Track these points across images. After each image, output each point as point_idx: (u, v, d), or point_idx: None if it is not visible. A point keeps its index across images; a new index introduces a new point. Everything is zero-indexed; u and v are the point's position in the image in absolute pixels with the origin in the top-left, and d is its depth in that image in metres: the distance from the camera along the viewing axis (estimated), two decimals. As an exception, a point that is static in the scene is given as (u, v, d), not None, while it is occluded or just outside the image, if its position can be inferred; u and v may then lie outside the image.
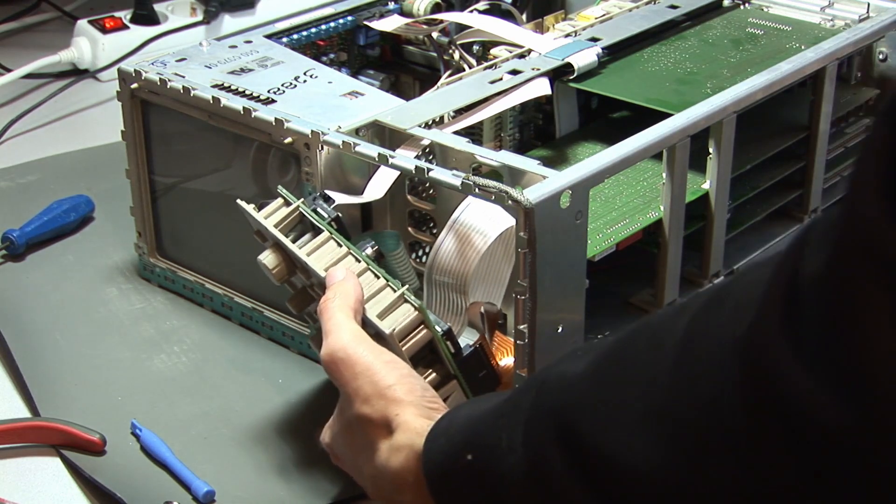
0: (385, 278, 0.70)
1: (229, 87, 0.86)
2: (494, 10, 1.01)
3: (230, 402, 0.83)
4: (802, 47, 0.94)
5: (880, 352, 0.41)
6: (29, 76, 1.28)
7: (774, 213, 0.93)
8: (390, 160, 0.75)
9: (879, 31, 0.96)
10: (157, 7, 1.36)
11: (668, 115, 0.81)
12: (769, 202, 0.92)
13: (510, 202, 0.70)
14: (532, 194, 0.70)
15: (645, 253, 0.82)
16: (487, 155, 0.77)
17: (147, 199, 0.93)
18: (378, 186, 0.79)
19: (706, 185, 0.84)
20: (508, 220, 0.73)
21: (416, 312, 0.68)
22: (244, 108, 0.82)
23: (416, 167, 0.74)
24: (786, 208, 0.94)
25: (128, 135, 0.91)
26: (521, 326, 0.72)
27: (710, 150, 0.83)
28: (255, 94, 0.85)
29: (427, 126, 0.80)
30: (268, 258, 0.74)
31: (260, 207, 0.75)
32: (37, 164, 1.14)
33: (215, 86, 0.86)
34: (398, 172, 0.77)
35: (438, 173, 0.74)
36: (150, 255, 0.94)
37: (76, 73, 1.31)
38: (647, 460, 0.51)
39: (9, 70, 1.28)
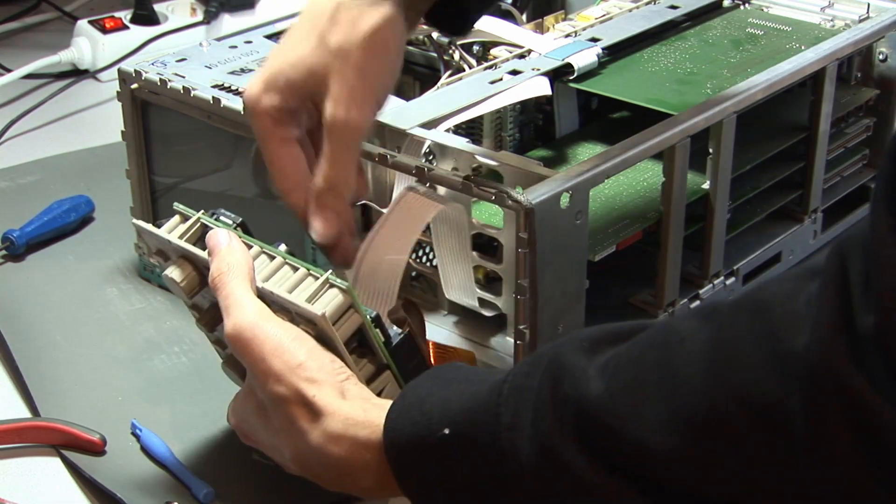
0: (306, 267, 0.67)
1: (229, 87, 0.86)
2: (494, 11, 1.01)
3: (230, 402, 0.82)
4: (802, 47, 0.94)
5: None
6: (29, 76, 1.28)
7: (774, 213, 0.93)
8: (390, 160, 0.75)
9: (879, 32, 0.96)
10: (157, 7, 1.36)
11: (668, 115, 0.81)
12: (769, 202, 0.92)
13: (510, 202, 0.70)
14: (532, 194, 0.70)
15: (645, 253, 0.82)
16: (487, 155, 0.77)
17: (147, 199, 0.93)
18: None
19: (706, 185, 0.84)
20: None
21: (345, 294, 0.65)
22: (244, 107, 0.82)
23: (416, 167, 0.74)
24: (786, 208, 0.94)
25: (128, 135, 0.91)
26: (521, 326, 0.72)
27: (710, 150, 0.83)
28: (255, 94, 0.84)
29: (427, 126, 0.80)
30: (174, 271, 0.71)
31: (158, 227, 0.73)
32: (37, 164, 1.14)
33: (215, 86, 0.86)
34: (415, 179, 0.77)
35: (438, 173, 0.74)
36: (150, 255, 0.94)
37: (76, 74, 1.31)
38: (676, 451, 0.52)
39: (9, 70, 1.28)
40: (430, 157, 0.80)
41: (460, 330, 0.80)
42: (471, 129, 0.90)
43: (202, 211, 0.72)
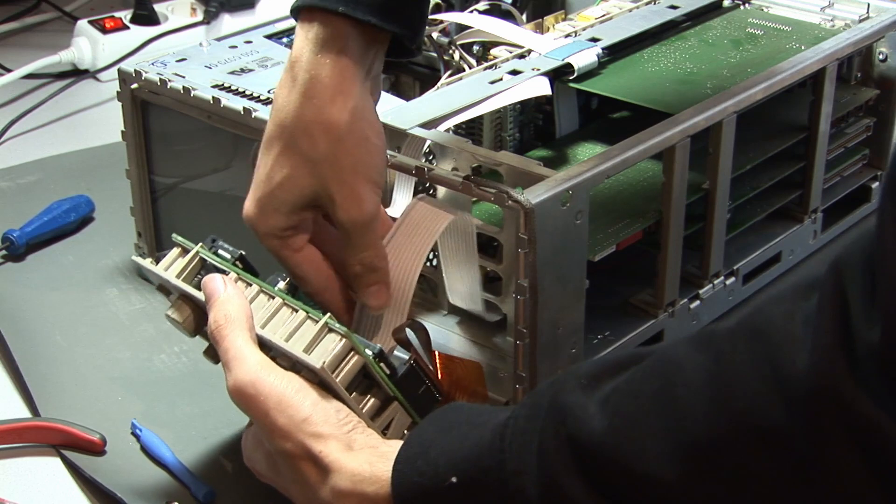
0: (304, 310, 0.67)
1: (229, 87, 0.86)
2: (494, 11, 1.01)
3: (230, 402, 0.82)
4: (802, 47, 0.94)
5: None
6: (29, 76, 1.28)
7: (774, 213, 0.93)
8: (390, 160, 0.75)
9: (879, 32, 0.96)
10: (157, 7, 1.36)
11: (668, 115, 0.81)
12: (769, 202, 0.92)
13: (510, 202, 0.70)
14: (532, 194, 0.70)
15: (645, 253, 0.82)
16: (487, 155, 0.77)
17: (147, 199, 0.93)
18: (404, 199, 0.78)
19: (706, 185, 0.84)
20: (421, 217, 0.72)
21: (344, 340, 0.65)
22: (244, 108, 0.82)
23: (416, 167, 0.74)
24: (786, 208, 0.94)
25: (128, 135, 0.91)
26: (521, 326, 0.72)
27: (710, 150, 0.83)
28: (255, 94, 0.85)
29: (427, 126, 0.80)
30: (175, 312, 0.71)
31: (158, 260, 0.73)
32: (37, 164, 1.14)
33: (215, 86, 0.86)
34: (415, 179, 0.77)
35: (438, 173, 0.74)
36: (150, 255, 0.94)
37: (76, 74, 1.31)
38: (682, 482, 0.52)
39: (9, 70, 1.28)
40: (430, 157, 0.80)
41: (460, 330, 0.80)
42: (471, 129, 0.90)
43: (200, 244, 0.72)
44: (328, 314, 0.66)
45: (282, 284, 0.70)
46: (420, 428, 0.63)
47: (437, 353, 0.72)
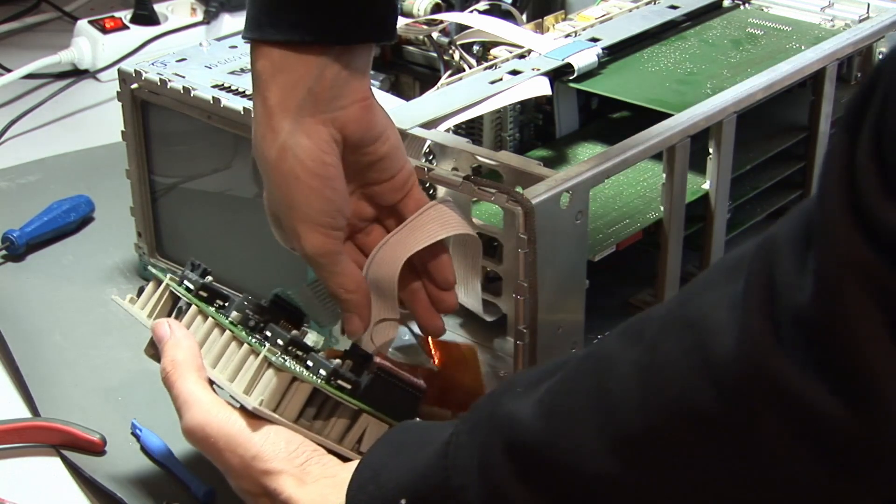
0: (249, 343, 0.66)
1: (229, 87, 0.86)
2: (494, 11, 1.01)
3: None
4: (802, 47, 0.94)
5: (878, 362, 0.44)
6: (29, 76, 1.28)
7: (774, 213, 0.93)
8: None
9: (879, 31, 0.96)
10: (157, 7, 1.36)
11: (668, 115, 0.81)
12: (769, 202, 0.92)
13: (510, 202, 0.70)
14: (532, 194, 0.70)
15: (645, 253, 0.82)
16: (487, 155, 0.77)
17: (147, 199, 0.93)
18: None
19: (706, 185, 0.84)
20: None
21: (281, 374, 0.64)
22: (244, 108, 0.82)
23: (416, 167, 0.74)
24: (786, 208, 0.94)
25: (128, 135, 0.91)
26: (521, 326, 0.72)
27: (710, 150, 0.83)
28: (255, 94, 0.84)
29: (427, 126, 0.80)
30: (154, 354, 0.71)
31: (140, 292, 0.73)
32: (37, 164, 1.14)
33: (215, 86, 0.86)
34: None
35: (438, 173, 0.74)
36: (150, 255, 0.94)
37: (76, 74, 1.31)
38: (617, 474, 0.52)
39: (9, 70, 1.28)
40: (430, 157, 0.80)
41: (460, 331, 0.80)
42: (471, 129, 0.90)
43: (169, 276, 0.72)
44: (267, 347, 0.65)
45: (234, 314, 0.69)
46: (371, 452, 0.63)
47: (430, 339, 0.72)
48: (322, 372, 0.65)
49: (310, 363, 0.66)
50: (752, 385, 0.47)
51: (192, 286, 0.71)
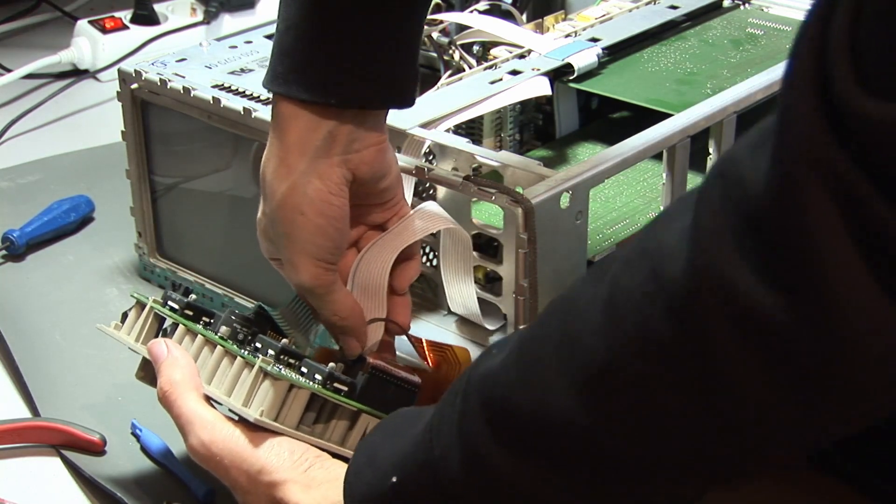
0: (241, 357, 0.67)
1: (229, 87, 0.86)
2: (494, 10, 1.01)
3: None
4: (802, 47, 0.93)
5: (832, 264, 0.42)
6: (29, 76, 1.28)
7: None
8: (390, 160, 0.75)
9: (879, 32, 0.96)
10: (157, 7, 1.36)
11: (668, 115, 0.81)
12: (769, 202, 0.92)
13: (510, 202, 0.70)
14: (532, 194, 0.70)
15: (645, 253, 0.82)
16: (487, 155, 0.77)
17: (147, 199, 0.93)
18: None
19: (706, 185, 0.84)
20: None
21: (278, 383, 0.65)
22: (244, 108, 0.82)
23: (416, 167, 0.74)
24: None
25: (128, 135, 0.91)
26: (521, 327, 0.72)
27: (710, 150, 0.83)
28: (255, 94, 0.84)
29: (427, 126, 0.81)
30: (144, 376, 0.71)
31: (124, 317, 0.73)
32: (37, 164, 1.14)
33: (215, 86, 0.86)
34: (415, 179, 0.77)
35: (438, 173, 0.74)
36: (150, 255, 0.95)
37: (76, 73, 1.31)
38: (578, 411, 0.51)
39: (9, 70, 1.28)
40: (430, 157, 0.80)
41: (461, 331, 0.80)
42: (471, 129, 0.90)
43: (152, 298, 0.72)
44: (260, 358, 0.65)
45: (223, 329, 0.69)
46: (366, 439, 0.64)
47: (423, 340, 0.72)
48: (318, 377, 0.65)
49: (304, 370, 0.66)
50: (703, 297, 0.46)
51: (177, 306, 0.71)
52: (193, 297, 0.73)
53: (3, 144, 1.18)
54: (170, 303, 0.71)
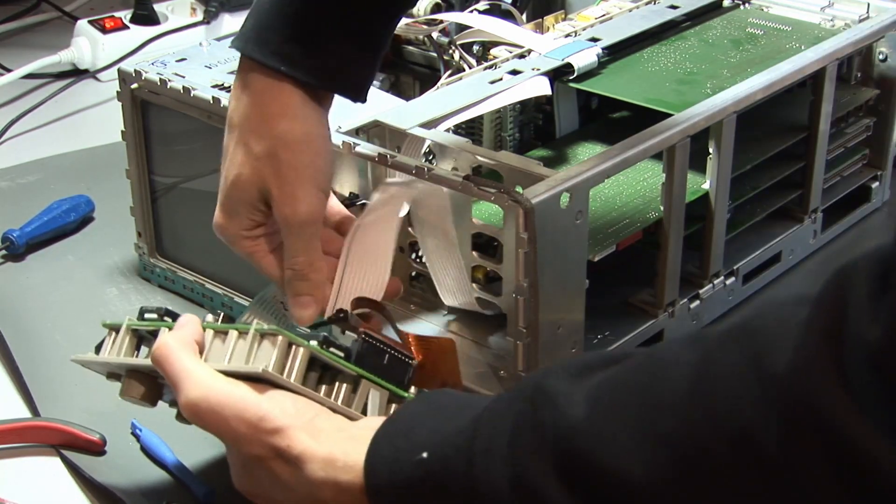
0: (232, 328, 0.66)
1: (229, 86, 0.86)
2: (494, 10, 1.01)
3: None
4: (802, 47, 0.94)
5: None
6: (29, 76, 1.28)
7: (774, 213, 0.93)
8: (390, 160, 0.75)
9: (879, 31, 0.96)
10: (157, 7, 1.36)
11: (668, 115, 0.81)
12: (769, 202, 0.92)
13: (510, 202, 0.70)
14: (532, 194, 0.70)
15: (645, 253, 0.82)
16: (487, 155, 0.77)
17: (147, 199, 0.93)
18: None
19: (706, 185, 0.84)
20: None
21: (280, 338, 0.64)
22: (244, 108, 0.82)
23: (416, 167, 0.74)
24: (786, 208, 0.94)
25: (128, 135, 0.91)
26: (521, 326, 0.72)
27: (710, 150, 0.83)
28: (255, 94, 0.84)
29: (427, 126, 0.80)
30: (129, 391, 0.70)
31: (98, 349, 0.73)
32: (37, 164, 1.14)
33: (215, 86, 0.86)
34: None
35: (438, 173, 0.74)
36: (150, 255, 0.95)
37: (76, 73, 1.31)
38: (652, 479, 0.51)
39: (9, 70, 1.28)
40: (430, 157, 0.80)
41: (461, 330, 0.80)
42: (471, 129, 0.90)
43: (128, 318, 0.72)
44: (255, 322, 0.65)
45: (209, 318, 0.69)
46: (408, 405, 0.63)
47: (408, 334, 0.72)
48: (314, 342, 0.65)
49: (300, 333, 0.66)
50: (801, 408, 0.46)
51: (155, 315, 0.71)
52: (168, 306, 0.72)
53: (3, 144, 1.18)
54: (146, 314, 0.71)
